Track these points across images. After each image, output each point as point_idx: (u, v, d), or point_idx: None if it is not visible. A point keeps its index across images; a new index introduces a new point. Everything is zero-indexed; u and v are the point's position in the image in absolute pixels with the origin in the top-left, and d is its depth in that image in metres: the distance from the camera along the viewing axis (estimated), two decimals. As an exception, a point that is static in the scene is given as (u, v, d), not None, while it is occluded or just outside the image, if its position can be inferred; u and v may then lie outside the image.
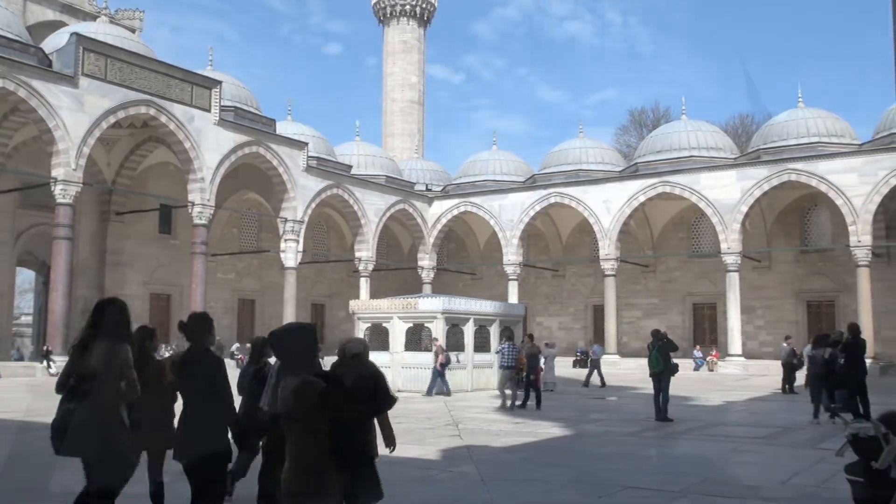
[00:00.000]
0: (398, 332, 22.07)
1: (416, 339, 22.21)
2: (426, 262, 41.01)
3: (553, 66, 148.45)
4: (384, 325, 22.48)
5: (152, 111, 27.77)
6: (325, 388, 3.60)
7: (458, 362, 22.02)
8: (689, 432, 13.40)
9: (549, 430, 13.52)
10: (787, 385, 22.16)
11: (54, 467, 7.56)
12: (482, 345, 22.72)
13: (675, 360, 15.36)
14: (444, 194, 42.22)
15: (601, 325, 37.49)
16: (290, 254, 33.64)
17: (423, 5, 58.89)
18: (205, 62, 35.31)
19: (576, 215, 38.31)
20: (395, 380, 20.47)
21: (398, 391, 19.52)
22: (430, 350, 21.21)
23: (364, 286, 37.41)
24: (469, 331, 22.52)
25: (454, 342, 22.07)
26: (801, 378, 19.25)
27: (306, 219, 34.26)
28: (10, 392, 19.42)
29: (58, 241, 25.55)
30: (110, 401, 5.09)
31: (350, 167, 39.26)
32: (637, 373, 26.67)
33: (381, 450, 4.95)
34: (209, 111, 29.63)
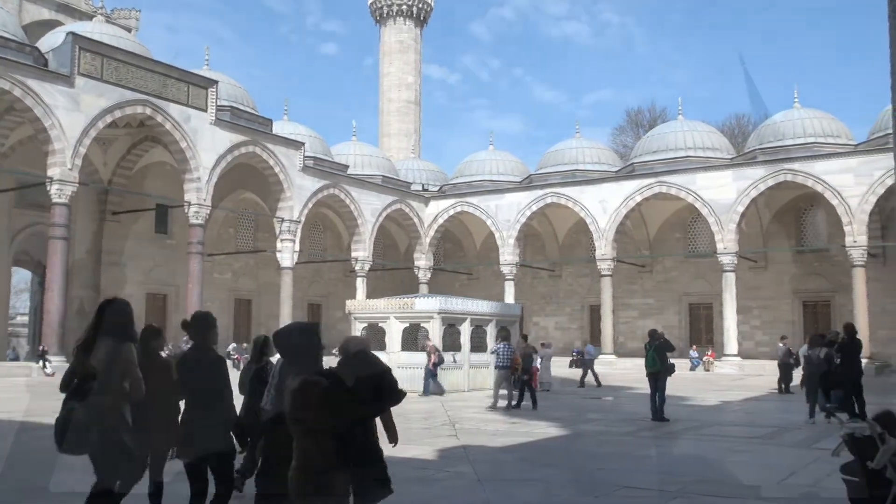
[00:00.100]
0: (395, 332, 22.06)
1: (413, 339, 22.20)
2: (423, 262, 41.01)
3: (549, 66, 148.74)
4: (381, 325, 22.47)
5: (148, 111, 27.74)
6: (327, 388, 3.60)
7: (454, 362, 22.03)
8: (685, 432, 13.43)
9: (546, 430, 13.53)
10: (783, 385, 22.22)
11: (54, 467, 7.56)
12: (479, 345, 22.72)
13: (671, 360, 15.40)
14: (441, 194, 42.23)
15: (598, 325, 37.51)
16: (287, 254, 33.62)
17: (420, 5, 58.89)
18: (201, 62, 35.28)
19: (572, 215, 38.33)
20: (391, 380, 20.42)
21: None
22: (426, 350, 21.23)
23: (361, 286, 37.40)
24: (465, 331, 22.52)
25: (451, 342, 22.07)
26: (797, 378, 19.29)
27: (303, 219, 34.24)
28: (6, 392, 19.36)
29: (54, 241, 25.52)
30: (113, 400, 5.10)
31: (347, 167, 39.25)
32: (633, 373, 26.72)
33: (382, 447, 4.90)
34: (205, 111, 29.61)
